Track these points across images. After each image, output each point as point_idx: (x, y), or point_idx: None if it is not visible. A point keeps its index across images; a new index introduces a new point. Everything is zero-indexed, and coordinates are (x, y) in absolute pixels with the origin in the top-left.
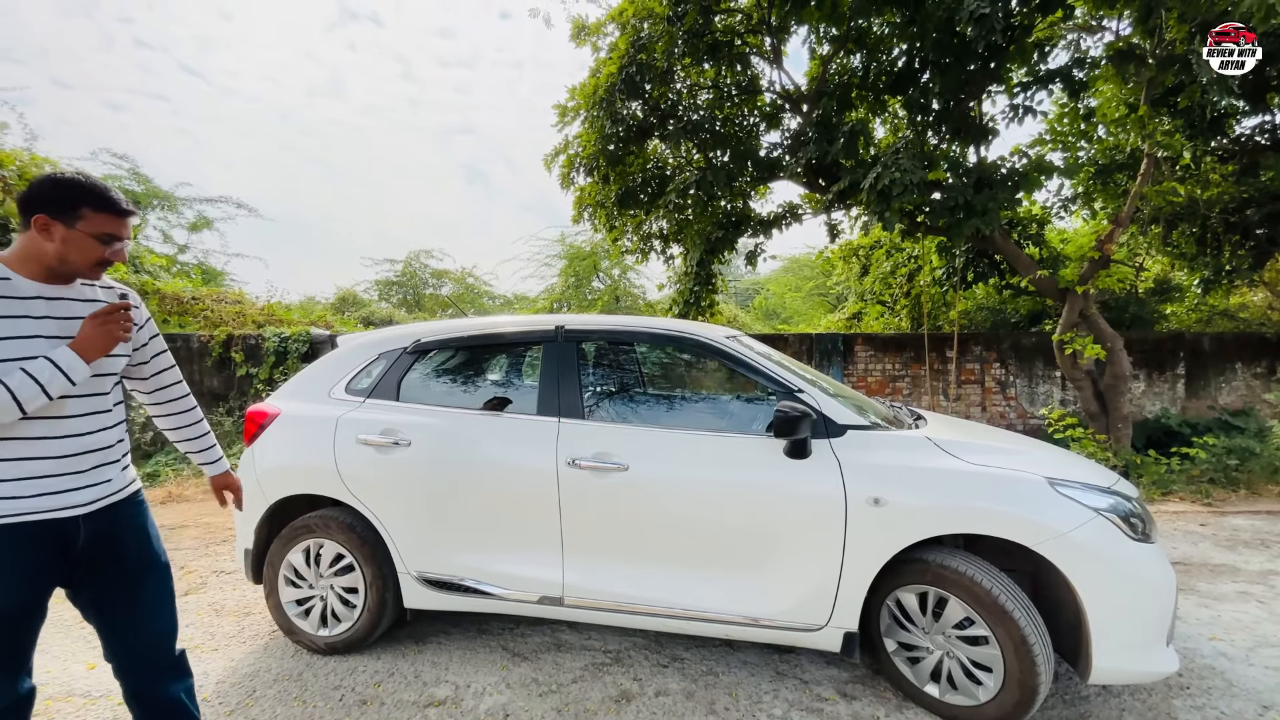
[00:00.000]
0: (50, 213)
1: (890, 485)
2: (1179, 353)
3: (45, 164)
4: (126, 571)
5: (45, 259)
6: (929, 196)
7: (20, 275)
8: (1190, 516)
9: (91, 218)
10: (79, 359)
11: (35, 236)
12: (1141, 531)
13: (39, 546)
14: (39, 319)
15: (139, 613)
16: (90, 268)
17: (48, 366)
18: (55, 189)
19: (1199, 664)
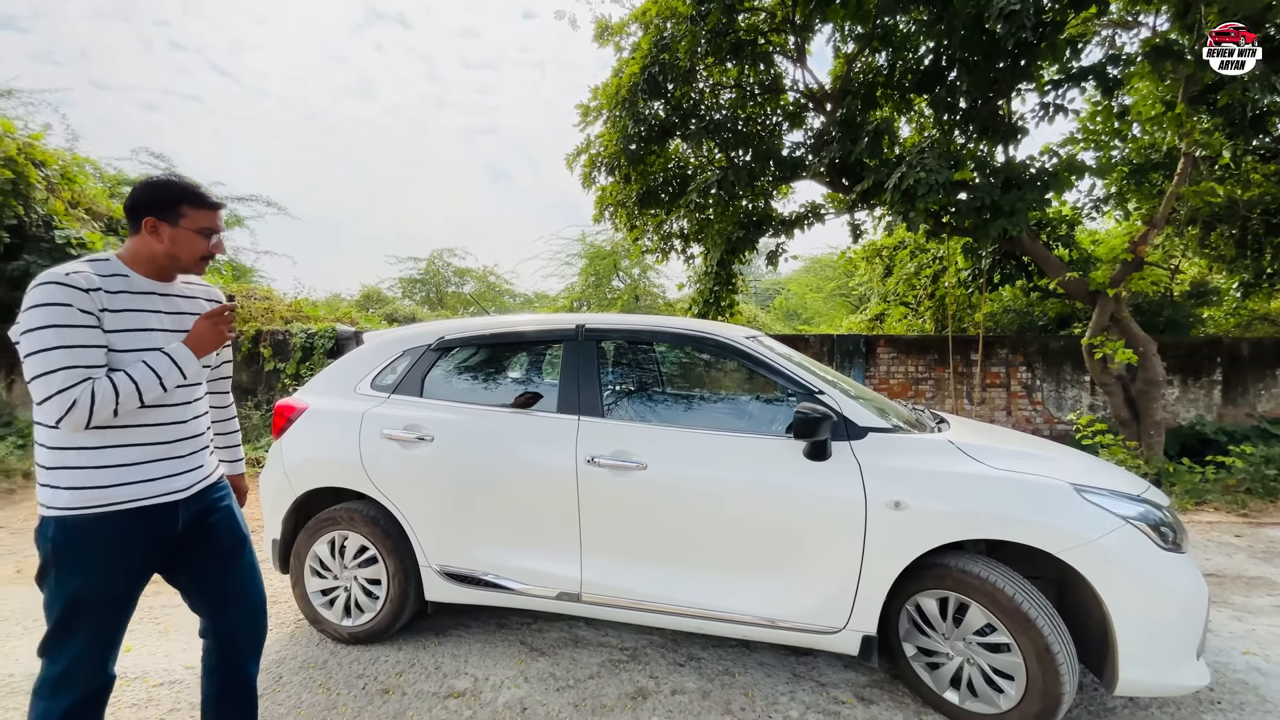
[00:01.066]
0: (157, 215)
1: (911, 489)
2: (1216, 358)
3: (86, 163)
4: (219, 550)
5: (156, 258)
6: (955, 196)
7: (136, 273)
8: (1225, 527)
9: (191, 214)
10: (192, 354)
11: (146, 238)
12: (1172, 541)
13: (145, 531)
14: (155, 313)
15: (234, 587)
16: (195, 262)
17: (165, 360)
18: (157, 192)
19: (1231, 678)
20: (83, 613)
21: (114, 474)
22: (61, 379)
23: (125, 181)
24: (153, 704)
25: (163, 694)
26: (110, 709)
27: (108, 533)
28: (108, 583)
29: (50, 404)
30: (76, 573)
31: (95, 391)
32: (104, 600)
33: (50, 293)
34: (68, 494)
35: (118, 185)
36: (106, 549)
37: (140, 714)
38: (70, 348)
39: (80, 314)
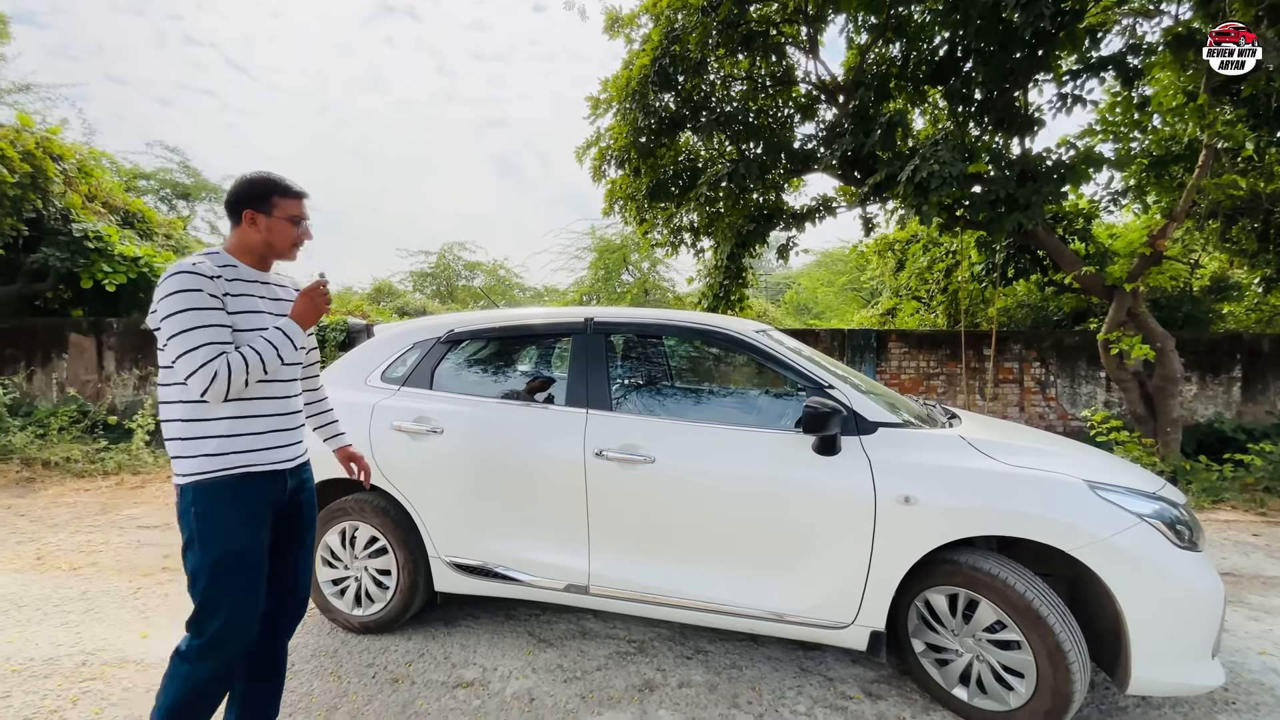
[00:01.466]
0: (254, 207)
1: (921, 484)
2: (1236, 354)
3: (102, 157)
4: (300, 524)
5: (256, 247)
6: (969, 190)
7: (243, 264)
8: (1242, 526)
9: (281, 204)
10: (299, 327)
11: (246, 229)
12: (1188, 539)
13: (264, 494)
14: (261, 299)
15: (302, 561)
16: (289, 248)
17: (278, 334)
18: (251, 186)
19: (1246, 679)
20: (226, 574)
21: (241, 442)
22: (204, 354)
23: (141, 175)
24: None
25: None
26: (127, 693)
27: (238, 493)
28: (241, 541)
29: (196, 377)
30: (218, 534)
31: (231, 364)
32: (241, 560)
33: (183, 280)
34: (204, 460)
35: (134, 179)
36: (237, 508)
37: None
38: (207, 327)
39: (210, 297)
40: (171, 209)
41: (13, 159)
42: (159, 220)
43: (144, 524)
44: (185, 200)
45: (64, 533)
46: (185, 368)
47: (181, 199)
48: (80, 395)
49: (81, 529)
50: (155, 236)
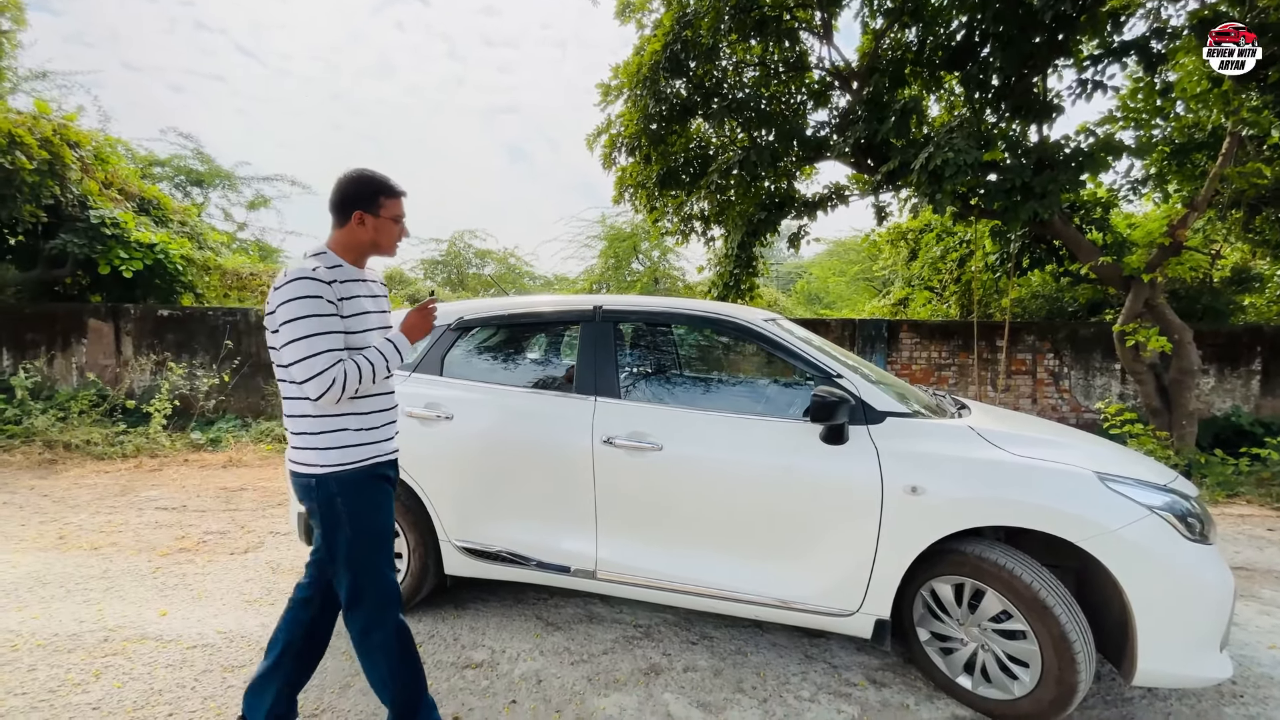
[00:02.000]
0: (363, 208)
1: (929, 474)
2: (1256, 347)
3: (118, 144)
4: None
5: (363, 246)
6: (984, 178)
7: (348, 263)
8: (1257, 520)
9: (387, 204)
10: (408, 341)
11: (354, 229)
12: (1199, 532)
13: (391, 476)
14: (366, 297)
15: None
16: (392, 246)
17: (389, 346)
18: (360, 186)
19: (1255, 672)
20: (374, 547)
21: (370, 435)
22: (323, 362)
23: (155, 161)
24: (187, 665)
25: (196, 656)
26: (147, 668)
27: (374, 479)
28: (380, 517)
29: (313, 384)
30: (367, 513)
31: (347, 371)
32: (383, 533)
33: (304, 287)
34: (342, 452)
35: (149, 165)
36: (377, 492)
37: (176, 674)
38: (325, 334)
39: (328, 304)
40: (185, 195)
41: (31, 146)
42: (174, 207)
43: (162, 505)
44: (199, 187)
45: (85, 513)
46: (303, 373)
47: (195, 185)
48: (99, 380)
49: (102, 510)
50: (170, 223)
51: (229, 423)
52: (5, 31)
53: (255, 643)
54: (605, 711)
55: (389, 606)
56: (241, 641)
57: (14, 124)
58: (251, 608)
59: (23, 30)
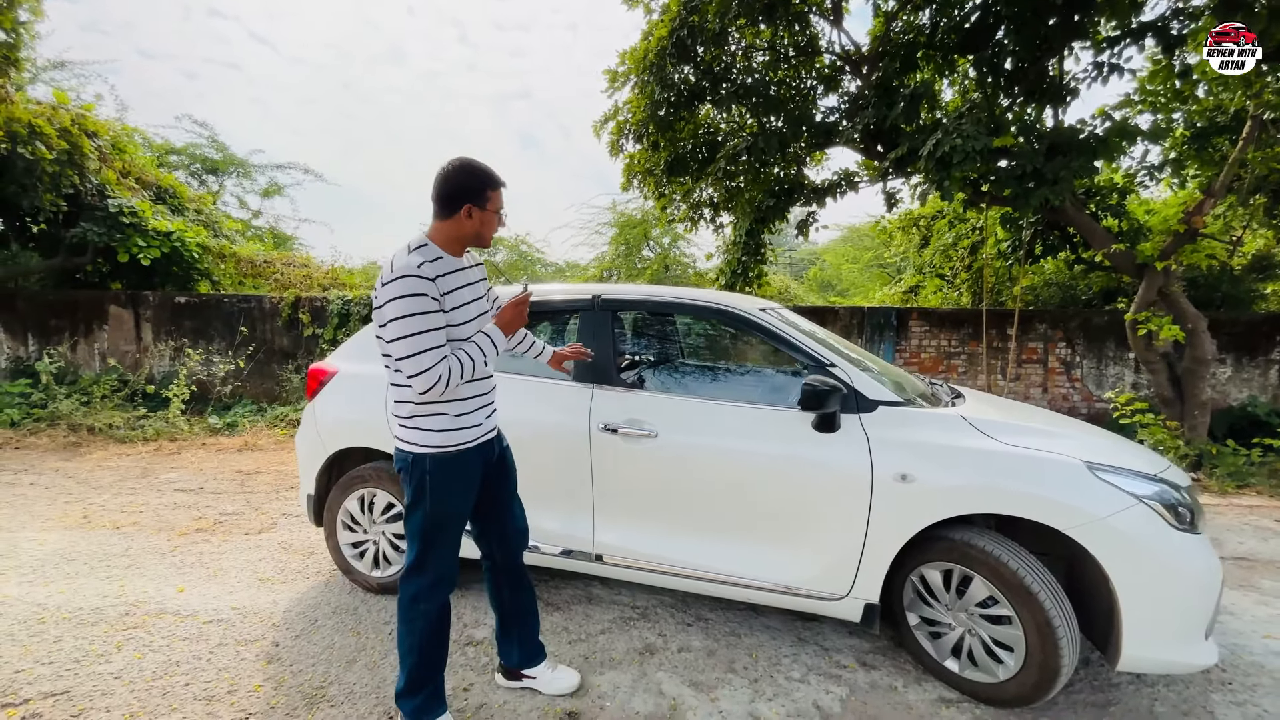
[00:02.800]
0: (473, 201)
1: (918, 462)
2: (1276, 336)
3: (135, 133)
4: (506, 473)
5: (465, 238)
6: (994, 164)
7: (447, 254)
8: (1266, 512)
9: (493, 197)
10: (503, 335)
11: (461, 221)
12: (1188, 521)
13: (480, 460)
14: (465, 286)
15: (513, 503)
16: (490, 238)
17: (486, 339)
18: (471, 179)
19: (1246, 660)
20: (446, 527)
21: (466, 419)
22: (429, 359)
23: (171, 150)
24: (203, 639)
25: (211, 630)
26: (166, 641)
27: (464, 462)
28: (460, 501)
29: (419, 380)
30: (445, 495)
31: (450, 368)
32: (458, 516)
33: (410, 285)
34: (441, 435)
35: (165, 154)
36: (462, 474)
37: (193, 647)
38: (429, 331)
39: (432, 301)
40: (201, 184)
41: (50, 136)
42: (189, 195)
43: (180, 488)
44: (214, 175)
45: (108, 494)
46: (410, 369)
47: (210, 173)
48: (120, 365)
49: (124, 490)
50: (186, 211)
51: (245, 408)
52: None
53: (267, 618)
54: (599, 689)
55: (442, 585)
56: (254, 617)
57: (34, 114)
58: (264, 585)
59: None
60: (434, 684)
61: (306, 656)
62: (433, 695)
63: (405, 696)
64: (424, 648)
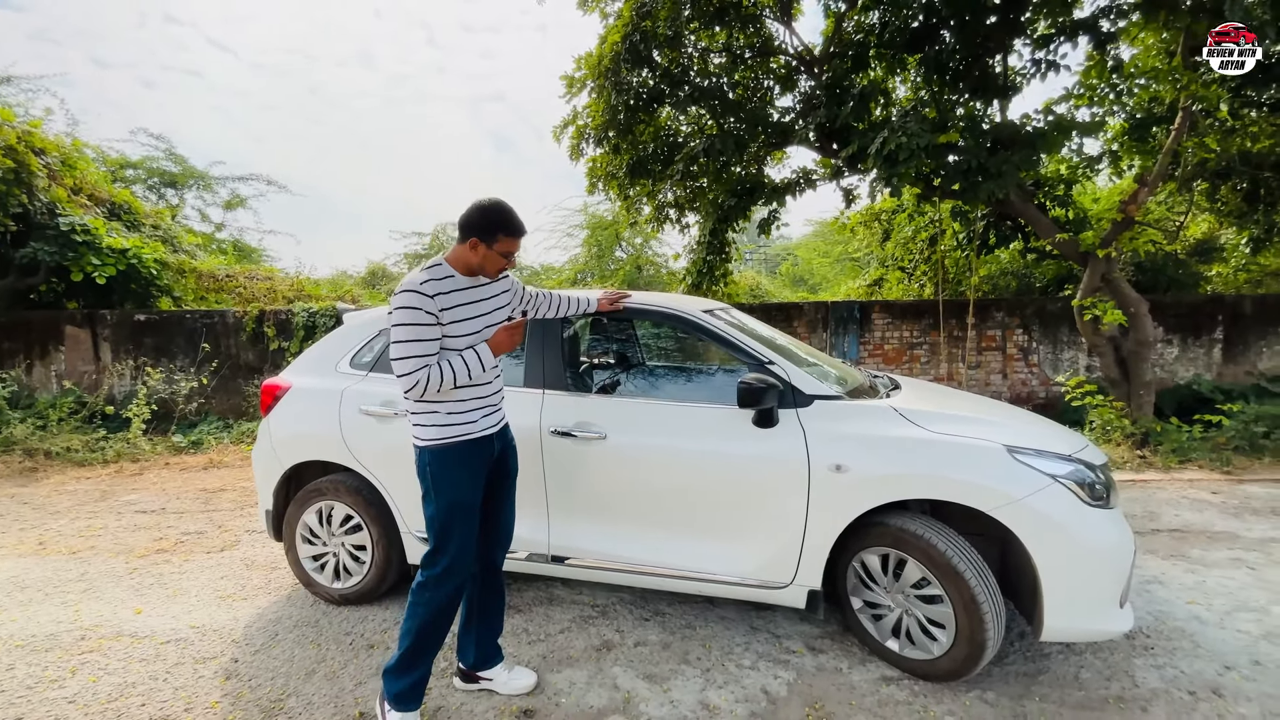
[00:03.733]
0: (479, 236)
1: (851, 453)
2: (1217, 316)
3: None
4: (506, 474)
5: (470, 266)
6: (943, 159)
7: (458, 274)
8: (1204, 485)
9: (503, 241)
10: (491, 354)
11: (466, 251)
12: (1101, 497)
13: (480, 454)
14: (471, 303)
15: (507, 506)
16: (495, 273)
17: (474, 356)
18: (484, 219)
19: (1169, 626)
20: (456, 517)
21: (458, 417)
22: (412, 364)
23: (127, 164)
24: (160, 659)
25: (169, 650)
26: (122, 663)
27: (460, 453)
28: (463, 491)
29: (403, 380)
30: (448, 486)
31: (430, 376)
32: (466, 506)
33: (408, 299)
34: (436, 430)
35: (120, 168)
36: (463, 466)
37: (149, 667)
38: (419, 341)
39: (426, 315)
40: (160, 198)
41: None
42: (145, 210)
43: (141, 509)
44: (173, 188)
45: (65, 519)
46: (398, 370)
47: (169, 187)
48: (78, 386)
49: (81, 515)
50: (143, 227)
51: (210, 425)
52: None
53: (227, 635)
54: (555, 686)
55: (452, 576)
56: (214, 635)
57: None
58: (224, 603)
59: None
60: (421, 672)
61: (266, 671)
62: (415, 686)
63: (391, 675)
64: (421, 633)
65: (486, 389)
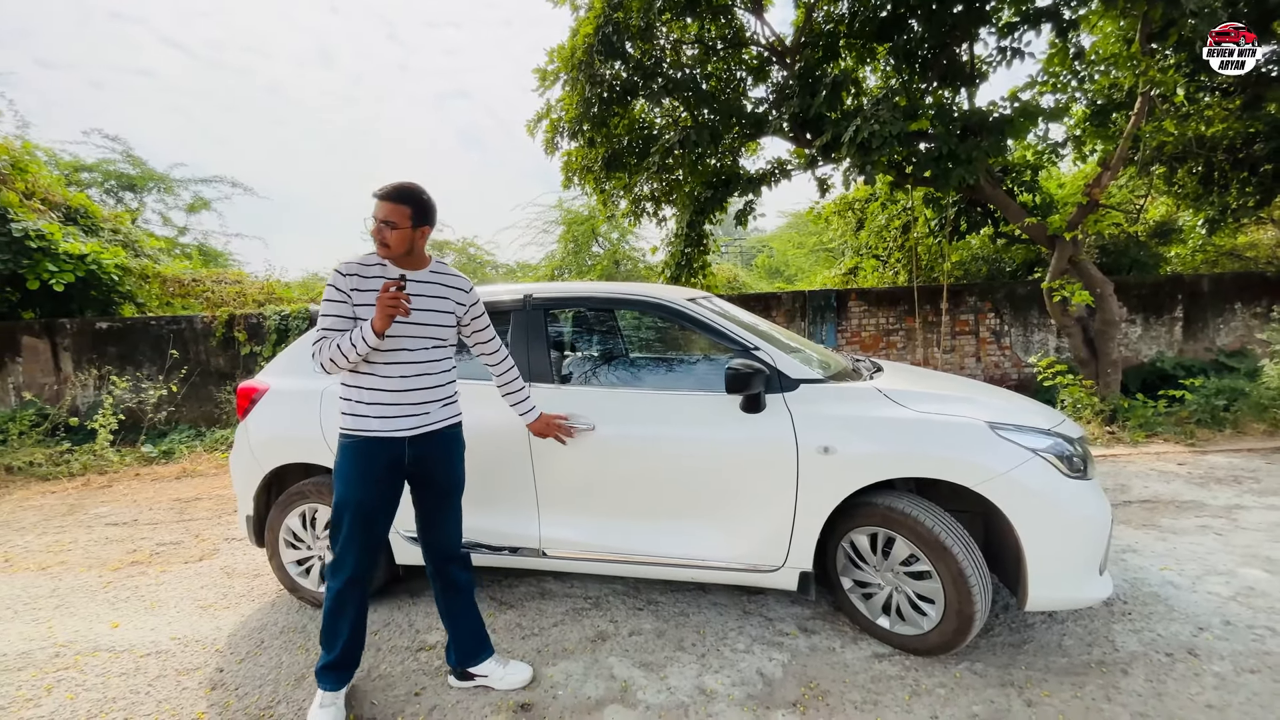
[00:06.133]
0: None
1: (838, 434)
2: (1177, 295)
3: (38, 150)
4: (436, 487)
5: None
6: (915, 147)
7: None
8: (1170, 457)
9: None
10: (371, 331)
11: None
12: (1079, 469)
13: (381, 456)
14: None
15: (440, 518)
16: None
17: (357, 333)
18: None
19: (1144, 592)
20: (343, 513)
21: (371, 410)
22: (315, 335)
23: (82, 167)
24: (140, 673)
25: (150, 663)
26: (100, 679)
27: (358, 452)
28: (356, 489)
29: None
30: (342, 480)
31: (323, 348)
32: (355, 504)
33: (330, 278)
34: (343, 420)
35: (75, 171)
36: (356, 464)
37: (129, 681)
38: (325, 315)
39: (336, 291)
40: (119, 201)
41: None
42: (103, 215)
43: (112, 521)
44: (132, 191)
45: (31, 534)
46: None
47: (128, 190)
48: (38, 399)
49: (49, 530)
50: (102, 232)
51: (182, 433)
52: None
53: (210, 645)
54: (552, 679)
55: (342, 568)
56: (196, 645)
57: None
58: (206, 613)
59: None
60: (329, 656)
61: (253, 679)
62: (326, 668)
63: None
64: (326, 617)
65: (405, 383)
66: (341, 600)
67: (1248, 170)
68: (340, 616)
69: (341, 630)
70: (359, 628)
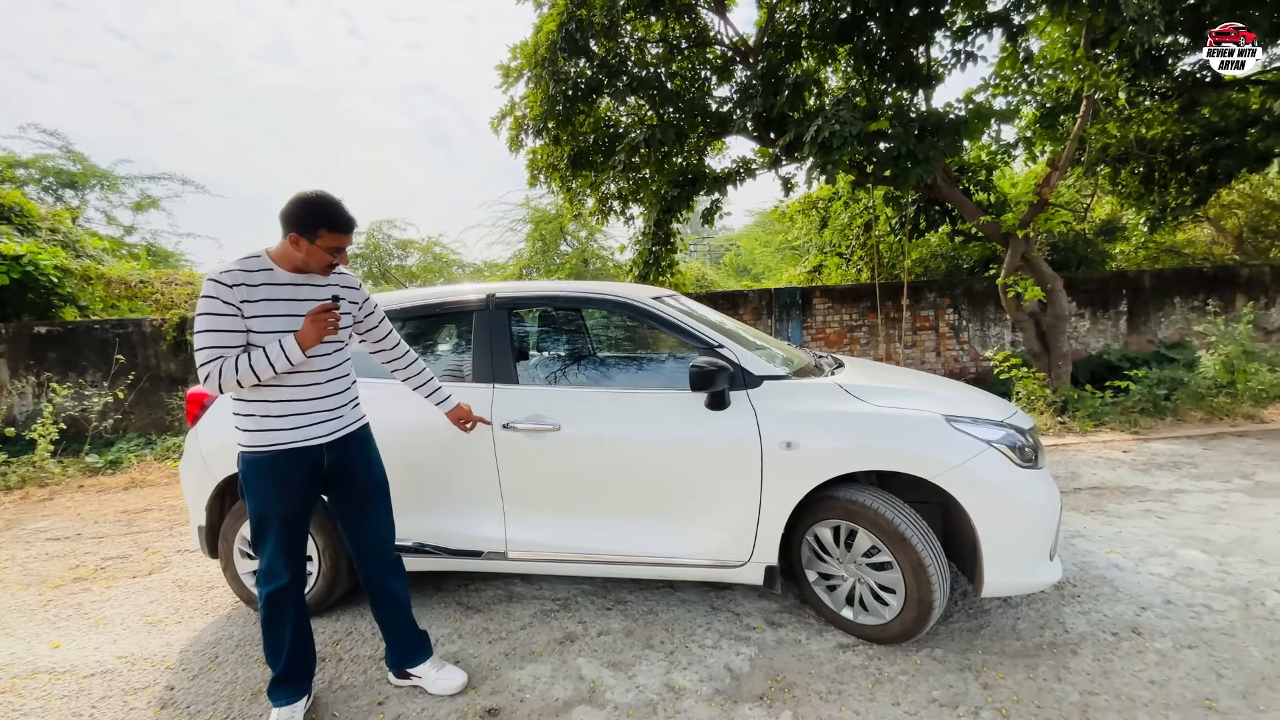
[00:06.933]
0: (298, 231)
1: (800, 429)
2: (1121, 290)
3: None
4: (357, 489)
5: (294, 262)
6: (875, 146)
7: (280, 268)
8: (1116, 445)
9: (326, 236)
10: (297, 346)
11: (287, 246)
12: (1030, 459)
13: (299, 466)
14: (291, 300)
15: (366, 521)
16: (323, 270)
17: (276, 349)
18: (302, 211)
19: (1092, 574)
20: (266, 525)
21: (275, 422)
22: (204, 356)
23: (16, 163)
24: (84, 693)
25: (94, 683)
26: (40, 702)
27: (274, 466)
28: (276, 503)
29: (199, 374)
30: (257, 495)
31: (224, 369)
32: (278, 516)
33: (207, 288)
34: (248, 436)
35: (9, 168)
36: (273, 478)
37: (72, 704)
38: (214, 332)
39: (224, 305)
40: (58, 199)
41: None
42: (40, 214)
43: (52, 536)
44: (73, 189)
45: None
46: (197, 362)
47: (68, 188)
48: None
49: None
50: (38, 231)
51: (129, 442)
52: None
53: (160, 662)
54: (519, 682)
55: (269, 579)
56: (145, 663)
57: None
58: (156, 629)
59: None
60: (277, 671)
61: (206, 695)
62: (275, 682)
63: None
64: (265, 629)
65: (311, 391)
66: (277, 607)
67: (1185, 171)
68: (280, 625)
69: (284, 640)
70: (302, 635)
